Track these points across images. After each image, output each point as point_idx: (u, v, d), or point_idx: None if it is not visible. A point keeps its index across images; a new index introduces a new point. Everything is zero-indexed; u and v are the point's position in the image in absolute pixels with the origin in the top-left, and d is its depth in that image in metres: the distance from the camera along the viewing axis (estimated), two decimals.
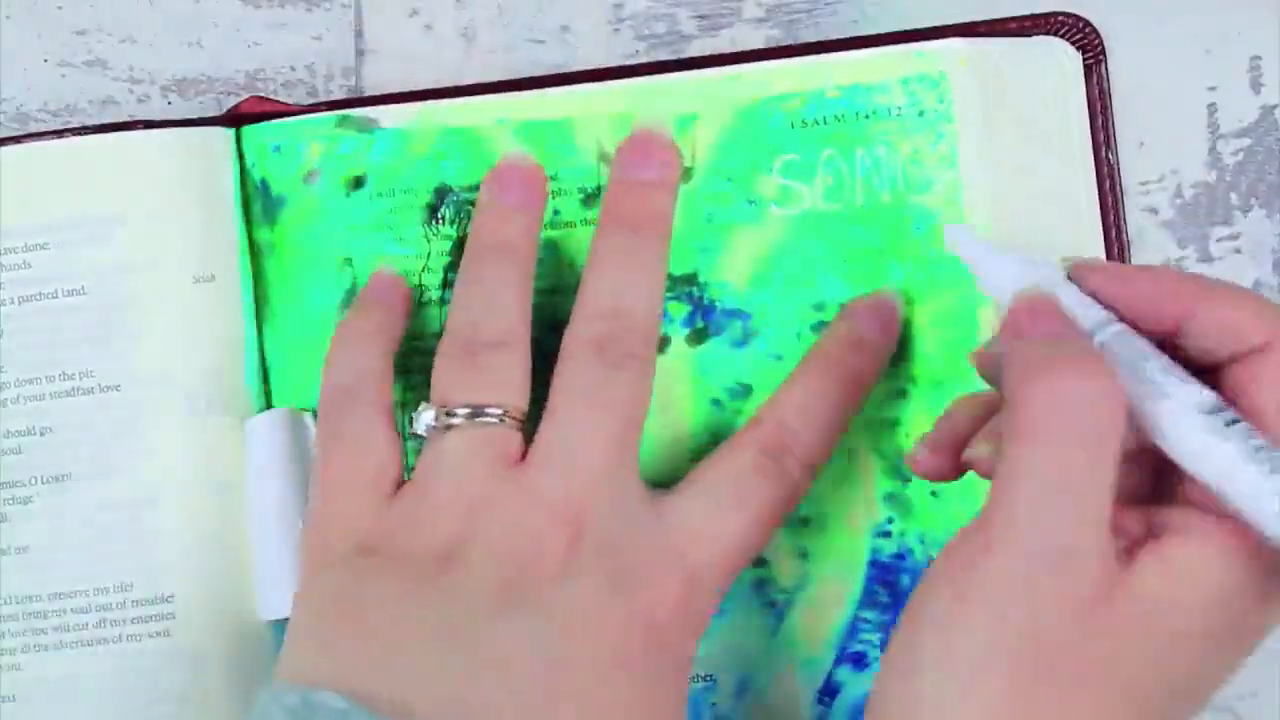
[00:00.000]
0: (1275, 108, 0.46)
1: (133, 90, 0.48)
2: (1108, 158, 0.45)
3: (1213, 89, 0.46)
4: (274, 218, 0.46)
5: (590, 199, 0.45)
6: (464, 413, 0.40)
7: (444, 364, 0.41)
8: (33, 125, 0.48)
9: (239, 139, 0.46)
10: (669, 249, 0.42)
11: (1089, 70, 0.45)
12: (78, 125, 0.47)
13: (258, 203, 0.46)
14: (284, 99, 0.47)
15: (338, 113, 0.46)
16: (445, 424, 0.40)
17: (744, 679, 0.44)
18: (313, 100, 0.47)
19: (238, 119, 0.46)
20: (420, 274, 0.45)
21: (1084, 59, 0.45)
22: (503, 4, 0.48)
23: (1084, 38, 0.45)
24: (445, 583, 0.38)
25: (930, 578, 0.35)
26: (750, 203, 0.44)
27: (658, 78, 0.45)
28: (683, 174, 0.44)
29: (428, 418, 0.41)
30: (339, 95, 0.48)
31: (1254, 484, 0.32)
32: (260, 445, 0.45)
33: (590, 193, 0.45)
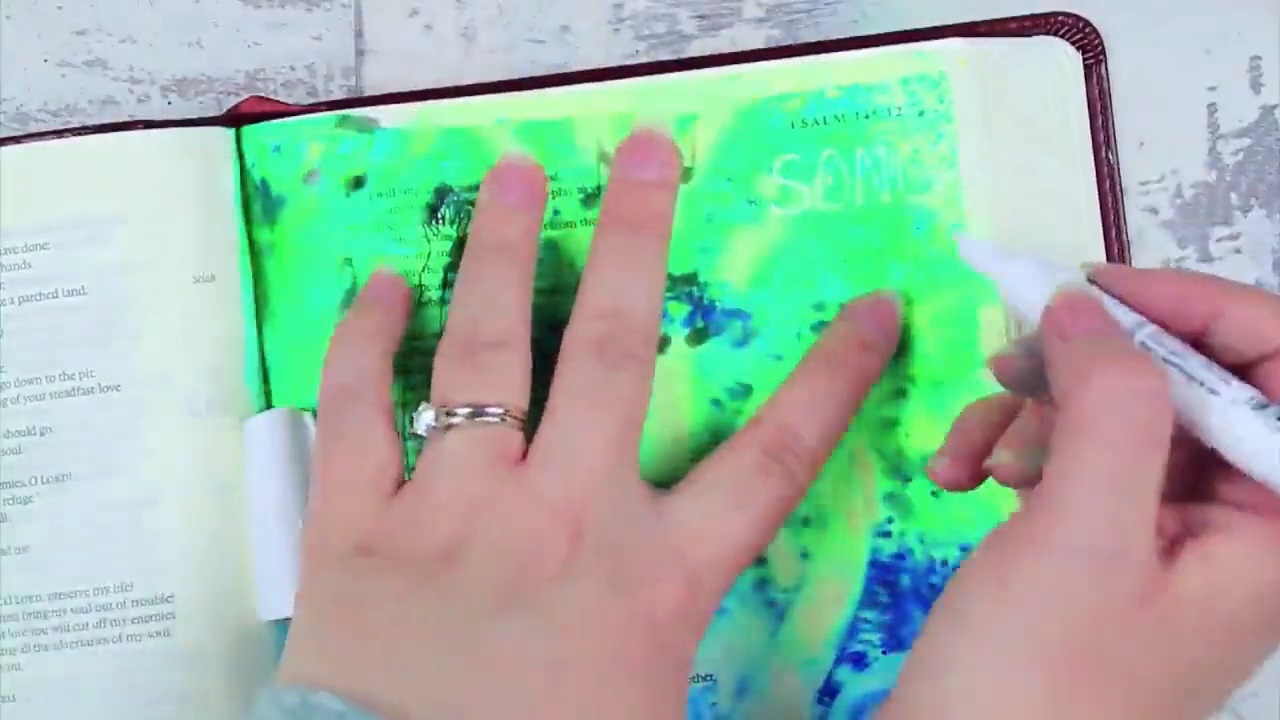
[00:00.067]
0: (1275, 108, 0.46)
1: (133, 90, 0.48)
2: (1108, 158, 0.45)
3: (1213, 89, 0.46)
4: (274, 218, 0.46)
5: (590, 199, 0.45)
6: (464, 412, 0.40)
7: (444, 364, 0.41)
8: (33, 125, 0.48)
9: (239, 139, 0.46)
10: (669, 249, 0.42)
11: (1089, 70, 0.45)
12: (78, 125, 0.47)
13: (258, 203, 0.46)
14: (284, 99, 0.47)
15: (338, 113, 0.46)
16: (445, 424, 0.40)
17: (744, 679, 0.44)
18: (313, 100, 0.47)
19: (238, 119, 0.46)
20: (420, 274, 0.45)
21: (1084, 59, 0.45)
22: (503, 4, 0.48)
23: (1084, 38, 0.45)
24: (445, 583, 0.38)
25: (965, 577, 0.35)
26: (750, 203, 0.44)
27: (658, 78, 0.45)
28: (683, 174, 0.44)
29: (428, 418, 0.41)
30: (339, 95, 0.48)
31: None
32: (260, 445, 0.45)
33: (590, 193, 0.45)
